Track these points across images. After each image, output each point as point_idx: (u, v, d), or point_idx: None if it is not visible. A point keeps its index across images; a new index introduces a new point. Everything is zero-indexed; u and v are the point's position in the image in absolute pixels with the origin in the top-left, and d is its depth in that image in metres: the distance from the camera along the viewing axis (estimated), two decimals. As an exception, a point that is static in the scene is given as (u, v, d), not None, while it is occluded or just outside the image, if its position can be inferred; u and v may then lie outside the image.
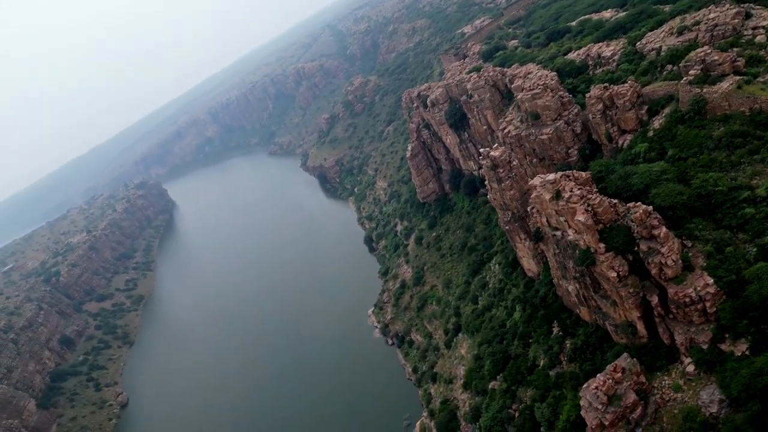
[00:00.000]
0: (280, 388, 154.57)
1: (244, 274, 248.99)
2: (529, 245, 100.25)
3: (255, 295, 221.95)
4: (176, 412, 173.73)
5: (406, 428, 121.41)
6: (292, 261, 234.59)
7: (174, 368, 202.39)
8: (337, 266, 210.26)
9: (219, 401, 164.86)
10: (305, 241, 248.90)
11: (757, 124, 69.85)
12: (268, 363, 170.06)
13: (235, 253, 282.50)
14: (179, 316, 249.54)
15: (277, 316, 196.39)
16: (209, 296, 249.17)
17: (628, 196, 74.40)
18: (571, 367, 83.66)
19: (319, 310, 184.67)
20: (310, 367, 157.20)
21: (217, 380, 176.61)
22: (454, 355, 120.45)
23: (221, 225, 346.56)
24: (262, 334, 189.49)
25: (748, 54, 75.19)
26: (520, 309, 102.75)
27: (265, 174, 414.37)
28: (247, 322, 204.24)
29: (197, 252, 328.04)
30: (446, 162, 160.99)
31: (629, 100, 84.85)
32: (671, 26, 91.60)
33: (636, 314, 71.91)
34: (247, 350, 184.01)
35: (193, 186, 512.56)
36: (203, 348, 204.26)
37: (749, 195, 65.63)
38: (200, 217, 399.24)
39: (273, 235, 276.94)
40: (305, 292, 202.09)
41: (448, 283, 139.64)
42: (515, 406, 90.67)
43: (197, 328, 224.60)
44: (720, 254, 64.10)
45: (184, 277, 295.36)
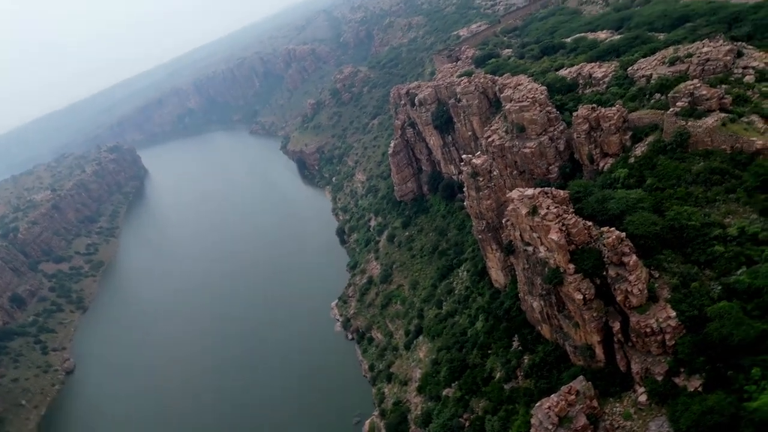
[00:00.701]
0: (234, 372, 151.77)
1: (211, 253, 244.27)
2: (500, 257, 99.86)
3: (220, 274, 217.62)
4: (123, 386, 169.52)
5: (355, 425, 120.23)
6: (261, 244, 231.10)
7: (127, 340, 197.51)
8: (306, 254, 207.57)
9: (168, 380, 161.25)
10: (277, 225, 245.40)
11: (737, 163, 70.27)
12: (224, 345, 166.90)
13: (205, 230, 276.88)
14: (139, 288, 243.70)
15: (239, 297, 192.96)
16: (172, 271, 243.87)
17: (603, 220, 74.30)
18: (527, 383, 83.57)
19: (283, 296, 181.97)
20: (267, 353, 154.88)
21: (169, 358, 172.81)
22: (412, 357, 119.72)
23: (193, 199, 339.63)
24: (222, 315, 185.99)
25: (735, 92, 75.65)
26: (482, 319, 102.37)
27: (244, 152, 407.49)
28: (208, 301, 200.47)
29: (165, 224, 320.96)
30: (427, 163, 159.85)
31: (615, 124, 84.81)
32: (664, 55, 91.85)
33: (596, 338, 71.98)
34: (204, 331, 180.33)
35: (169, 156, 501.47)
36: (160, 323, 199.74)
37: (720, 233, 66.00)
38: (173, 188, 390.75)
39: (245, 216, 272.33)
40: (271, 276, 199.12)
41: (414, 284, 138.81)
42: (466, 416, 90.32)
43: (156, 302, 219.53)
44: (685, 288, 64.30)
45: (149, 249, 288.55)
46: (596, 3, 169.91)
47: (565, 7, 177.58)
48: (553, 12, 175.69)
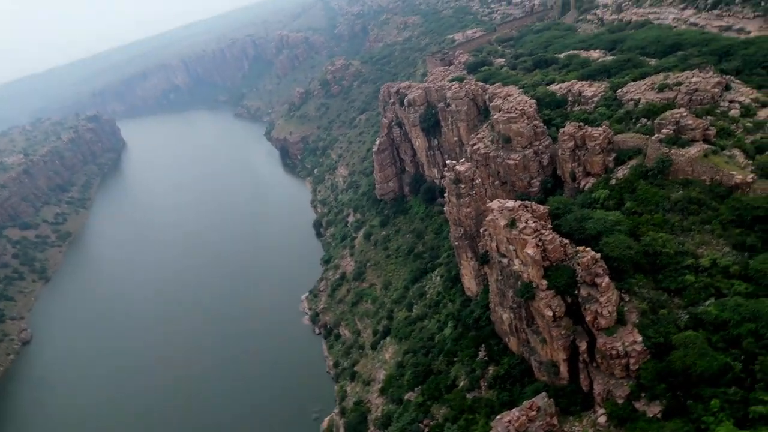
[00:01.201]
0: (196, 358, 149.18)
1: (184, 235, 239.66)
2: (474, 265, 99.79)
3: (191, 257, 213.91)
4: (79, 361, 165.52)
5: (314, 421, 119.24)
6: (236, 229, 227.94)
7: (88, 315, 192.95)
8: (280, 244, 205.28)
9: (125, 360, 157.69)
10: (254, 211, 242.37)
11: (715, 195, 71.08)
12: (188, 329, 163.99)
13: (180, 211, 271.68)
14: (105, 263, 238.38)
15: (208, 282, 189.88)
16: (142, 249, 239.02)
17: (579, 239, 74.47)
18: (489, 394, 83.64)
19: (254, 284, 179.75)
20: (232, 340, 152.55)
21: (129, 338, 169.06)
22: (377, 357, 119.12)
23: (170, 177, 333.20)
24: (190, 299, 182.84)
25: (720, 125, 76.55)
26: (451, 326, 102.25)
27: (227, 135, 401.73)
28: (176, 283, 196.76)
29: (139, 200, 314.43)
30: (411, 164, 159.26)
31: (600, 145, 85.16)
32: (654, 81, 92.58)
33: (562, 356, 72.22)
34: (168, 313, 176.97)
35: (149, 131, 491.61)
36: (124, 301, 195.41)
37: (692, 263, 66.66)
38: (151, 164, 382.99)
39: (222, 200, 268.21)
40: (243, 263, 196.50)
41: (387, 284, 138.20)
42: (426, 422, 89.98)
43: (122, 279, 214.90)
44: (653, 314, 64.81)
45: (120, 224, 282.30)
46: (591, 22, 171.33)
47: (561, 23, 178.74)
48: (548, 26, 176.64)
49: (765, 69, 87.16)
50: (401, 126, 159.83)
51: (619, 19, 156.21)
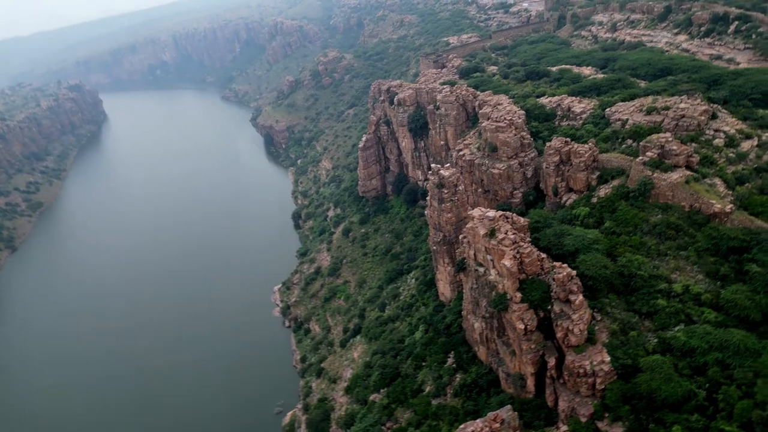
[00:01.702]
0: (160, 344, 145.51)
1: (160, 215, 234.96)
2: (450, 271, 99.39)
3: (165, 238, 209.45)
4: (41, 335, 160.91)
5: (276, 415, 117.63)
6: (214, 214, 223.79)
7: (52, 290, 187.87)
8: (257, 231, 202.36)
9: (86, 339, 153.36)
10: (233, 196, 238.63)
11: (692, 222, 71.77)
12: (156, 312, 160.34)
13: (157, 189, 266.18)
14: (76, 236, 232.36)
15: (181, 265, 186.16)
16: (115, 226, 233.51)
17: (557, 254, 74.64)
18: (454, 402, 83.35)
19: (227, 270, 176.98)
20: (198, 328, 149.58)
21: (92, 317, 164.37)
22: (346, 355, 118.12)
23: (151, 155, 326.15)
24: (161, 279, 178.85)
25: (703, 153, 77.32)
26: (422, 330, 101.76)
27: (213, 117, 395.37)
28: (148, 262, 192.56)
29: (116, 176, 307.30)
30: (395, 164, 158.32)
31: (585, 162, 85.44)
32: (642, 103, 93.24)
33: (530, 370, 72.26)
34: (138, 294, 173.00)
35: (133, 106, 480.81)
36: (91, 279, 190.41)
37: (665, 287, 67.19)
38: (131, 140, 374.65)
39: (202, 183, 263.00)
40: (218, 247, 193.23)
41: (362, 282, 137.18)
42: (390, 425, 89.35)
43: (92, 256, 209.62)
44: (623, 336, 65.15)
45: (94, 198, 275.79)
46: (586, 38, 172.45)
47: (555, 36, 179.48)
48: (543, 38, 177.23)
49: (751, 101, 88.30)
50: (389, 124, 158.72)
51: (612, 38, 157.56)
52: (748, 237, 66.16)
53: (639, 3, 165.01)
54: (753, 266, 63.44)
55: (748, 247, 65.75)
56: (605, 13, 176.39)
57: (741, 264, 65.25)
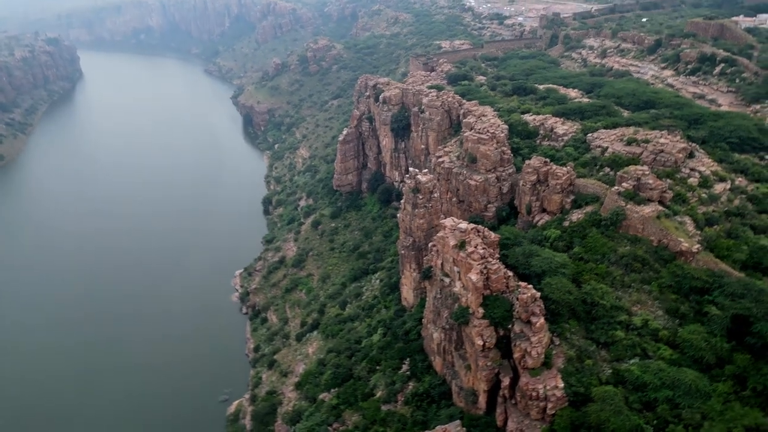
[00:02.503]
0: (109, 317, 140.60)
1: (126, 184, 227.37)
2: (416, 278, 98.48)
3: (129, 209, 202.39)
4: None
5: (221, 403, 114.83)
6: (182, 189, 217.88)
7: (4, 248, 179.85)
8: (224, 211, 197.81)
9: (31, 307, 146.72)
10: (204, 174, 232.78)
11: (659, 257, 72.31)
12: (111, 284, 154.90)
13: (126, 159, 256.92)
14: (35, 196, 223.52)
15: (142, 238, 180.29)
16: (77, 190, 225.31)
17: (523, 274, 74.40)
18: (404, 410, 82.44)
19: (189, 248, 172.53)
20: (153, 306, 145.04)
21: (40, 284, 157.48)
22: (300, 350, 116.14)
23: (123, 121, 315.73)
24: (119, 251, 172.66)
25: (677, 190, 78.07)
26: (381, 333, 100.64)
27: (194, 89, 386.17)
28: (108, 233, 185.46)
29: (85, 138, 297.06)
30: (374, 162, 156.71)
31: (561, 184, 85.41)
32: (624, 133, 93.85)
33: (483, 386, 71.74)
34: (94, 262, 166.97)
35: (112, 68, 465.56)
36: (45, 241, 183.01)
37: (625, 319, 67.45)
38: (105, 102, 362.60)
39: (173, 156, 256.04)
40: (182, 226, 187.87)
41: (325, 277, 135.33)
42: (336, 426, 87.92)
43: (49, 216, 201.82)
44: (579, 363, 65.14)
45: (59, 157, 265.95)
46: (575, 60, 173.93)
47: (546, 54, 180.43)
48: (534, 55, 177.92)
49: (729, 144, 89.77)
50: (371, 121, 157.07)
51: (601, 63, 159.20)
52: (711, 279, 66.88)
53: (630, 33, 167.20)
54: (712, 308, 64.10)
55: (709, 289, 66.45)
56: (597, 38, 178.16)
57: (701, 305, 65.88)
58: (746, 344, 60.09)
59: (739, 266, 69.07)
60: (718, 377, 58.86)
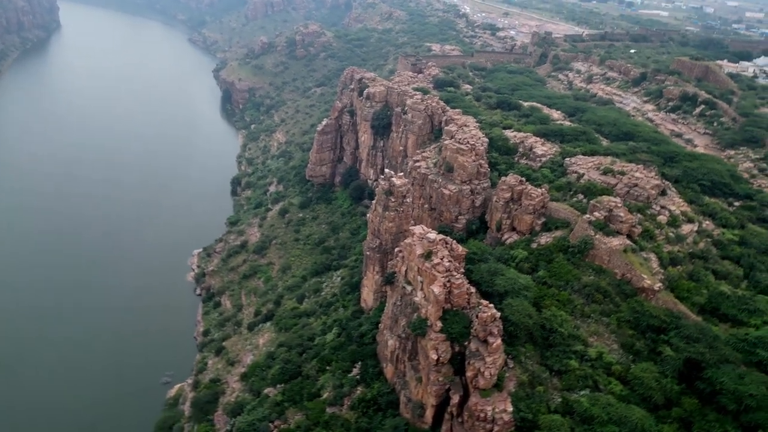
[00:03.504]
0: (57, 284, 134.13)
1: (92, 146, 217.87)
2: (378, 281, 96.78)
3: (92, 172, 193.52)
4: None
5: (162, 385, 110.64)
6: (148, 159, 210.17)
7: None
8: (190, 189, 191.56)
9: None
10: (174, 147, 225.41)
11: (621, 291, 72.42)
12: (63, 249, 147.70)
13: (96, 120, 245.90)
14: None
15: (104, 203, 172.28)
16: (39, 146, 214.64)
17: (486, 292, 73.42)
18: (349, 415, 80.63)
19: (150, 220, 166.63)
20: (105, 275, 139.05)
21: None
22: (251, 340, 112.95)
23: (97, 79, 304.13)
24: (79, 216, 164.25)
25: (646, 226, 78.37)
26: (335, 333, 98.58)
27: (175, 57, 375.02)
28: (66, 196, 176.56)
29: (54, 91, 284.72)
30: (350, 156, 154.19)
31: (534, 206, 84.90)
32: (601, 162, 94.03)
33: (432, 401, 70.55)
34: (48, 225, 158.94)
35: (92, 22, 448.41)
36: None
37: (581, 350, 67.15)
38: (80, 57, 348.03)
39: (144, 123, 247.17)
40: (144, 196, 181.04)
41: (286, 268, 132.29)
42: (278, 423, 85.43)
43: (5, 165, 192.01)
44: (530, 388, 64.52)
45: (26, 107, 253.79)
46: (561, 81, 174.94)
47: (534, 72, 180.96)
48: (521, 71, 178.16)
49: (701, 186, 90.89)
50: (353, 115, 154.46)
51: (586, 88, 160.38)
52: (669, 319, 67.20)
53: (618, 62, 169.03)
54: (667, 349, 64.31)
55: (666, 329, 66.73)
56: (585, 62, 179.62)
57: (656, 344, 66.10)
58: (696, 389, 60.44)
59: (697, 309, 69.71)
60: (665, 418, 58.93)
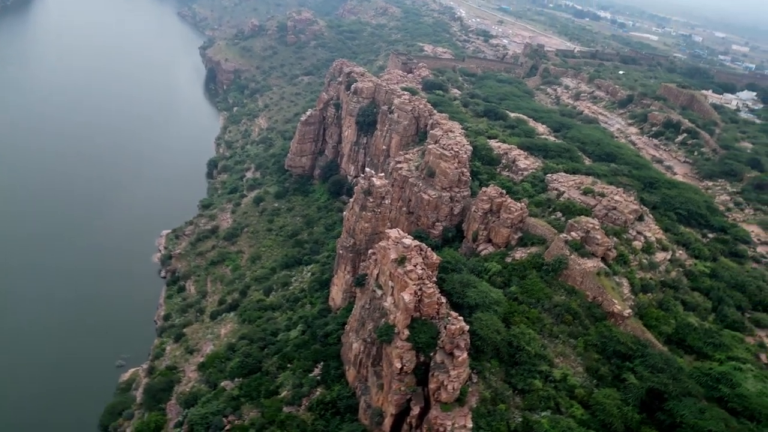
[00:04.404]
0: (21, 250, 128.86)
1: (68, 111, 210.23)
2: (348, 281, 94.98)
3: (63, 142, 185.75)
4: None
5: (116, 368, 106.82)
6: (123, 133, 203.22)
7: None
8: (165, 167, 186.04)
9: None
10: (151, 122, 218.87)
11: (591, 313, 72.04)
12: (28, 217, 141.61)
13: (72, 87, 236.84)
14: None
15: (71, 179, 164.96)
16: (4, 109, 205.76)
17: (456, 303, 72.31)
18: (306, 416, 78.69)
19: (119, 196, 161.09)
20: (68, 249, 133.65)
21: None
22: (213, 329, 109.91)
23: (80, 46, 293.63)
24: (41, 190, 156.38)
25: (621, 251, 78.17)
26: (300, 330, 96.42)
27: (162, 30, 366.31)
28: (33, 165, 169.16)
29: (30, 54, 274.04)
30: (332, 150, 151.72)
31: (512, 220, 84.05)
32: (582, 181, 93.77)
33: (392, 410, 69.07)
34: (16, 191, 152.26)
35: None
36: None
37: (546, 370, 66.43)
38: (64, 21, 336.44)
39: (124, 95, 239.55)
40: (115, 172, 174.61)
41: (256, 258, 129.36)
42: (231, 418, 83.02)
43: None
44: (492, 405, 63.55)
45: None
46: (549, 95, 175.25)
47: (523, 83, 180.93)
48: (511, 81, 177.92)
49: (677, 215, 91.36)
50: (338, 108, 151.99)
51: (573, 105, 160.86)
52: (635, 346, 67.02)
53: (606, 82, 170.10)
54: (631, 376, 64.04)
55: (632, 356, 66.52)
56: (574, 79, 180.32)
57: (621, 370, 65.78)
58: (656, 419, 60.23)
59: (664, 339, 69.72)
60: (623, 448, 58.61)
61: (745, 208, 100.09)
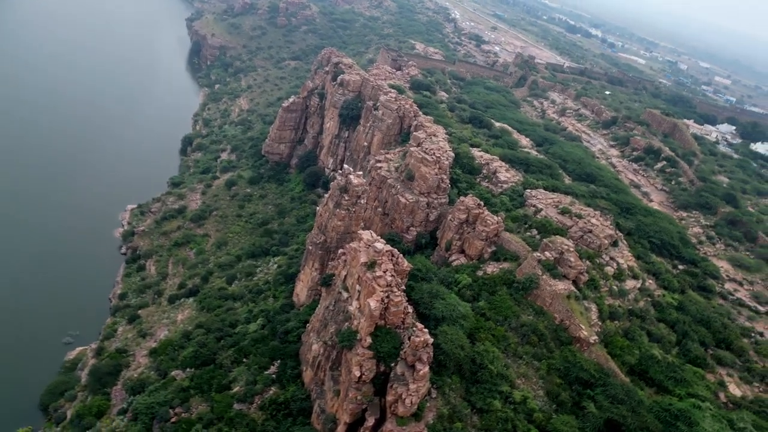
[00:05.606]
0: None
1: (46, 77, 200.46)
2: (315, 278, 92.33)
3: (38, 113, 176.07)
4: None
5: (63, 344, 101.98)
6: (97, 100, 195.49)
7: None
8: (138, 139, 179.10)
9: None
10: (128, 91, 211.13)
11: (556, 336, 71.07)
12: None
13: (50, 61, 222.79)
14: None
15: (40, 145, 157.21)
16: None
17: (423, 313, 70.53)
18: (256, 415, 76.04)
19: (84, 165, 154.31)
20: (30, 213, 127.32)
21: None
22: (169, 313, 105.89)
23: (61, 19, 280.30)
24: (7, 155, 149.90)
25: (593, 275, 77.33)
26: (260, 324, 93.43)
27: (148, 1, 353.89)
28: (11, 126, 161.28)
29: (6, 19, 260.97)
30: (311, 140, 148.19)
31: (487, 233, 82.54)
32: (561, 200, 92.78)
33: (346, 418, 66.94)
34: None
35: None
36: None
37: (506, 390, 65.03)
38: None
39: (102, 63, 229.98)
40: (86, 139, 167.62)
41: (222, 243, 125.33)
42: (178, 411, 79.76)
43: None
44: (450, 423, 61.86)
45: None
46: (535, 108, 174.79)
47: (510, 92, 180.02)
48: (499, 89, 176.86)
49: (650, 243, 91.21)
50: (322, 98, 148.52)
51: (558, 120, 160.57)
52: (598, 375, 66.25)
53: (592, 101, 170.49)
54: (591, 405, 63.20)
55: (593, 384, 65.74)
56: (561, 94, 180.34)
57: (581, 398, 64.94)
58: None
59: (627, 369, 69.13)
60: (577, 478, 57.63)
61: (717, 243, 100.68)
